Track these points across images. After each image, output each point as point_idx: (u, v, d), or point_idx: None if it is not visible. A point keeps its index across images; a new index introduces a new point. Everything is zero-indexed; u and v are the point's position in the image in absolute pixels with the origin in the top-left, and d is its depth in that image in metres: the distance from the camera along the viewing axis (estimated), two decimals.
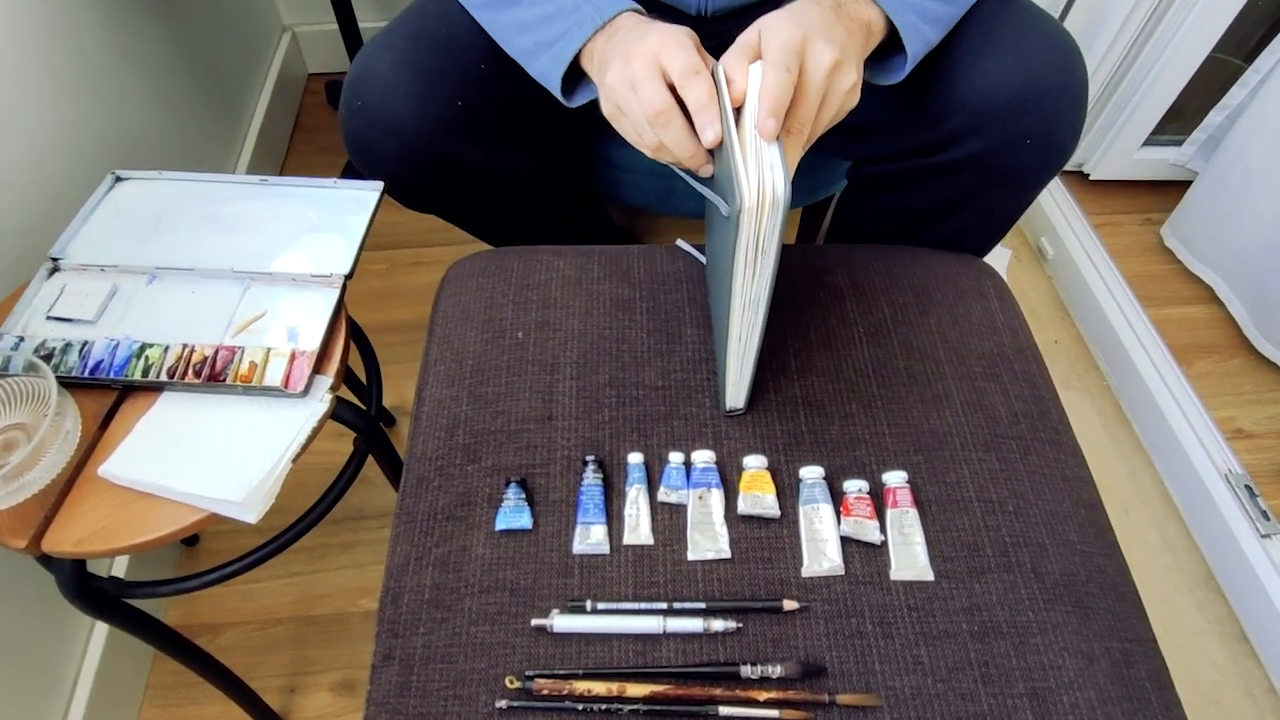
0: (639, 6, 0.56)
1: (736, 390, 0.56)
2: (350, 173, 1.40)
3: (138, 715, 0.88)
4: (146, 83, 1.02)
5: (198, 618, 0.94)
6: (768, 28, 0.49)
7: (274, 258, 0.63)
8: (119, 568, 0.88)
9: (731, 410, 0.58)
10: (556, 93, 0.58)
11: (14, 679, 0.72)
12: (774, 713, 0.46)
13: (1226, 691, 0.91)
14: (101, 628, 0.84)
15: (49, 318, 0.59)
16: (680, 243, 0.70)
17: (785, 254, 0.68)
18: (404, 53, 0.64)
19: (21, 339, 0.58)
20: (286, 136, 1.49)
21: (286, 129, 1.49)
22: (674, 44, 0.50)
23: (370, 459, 0.69)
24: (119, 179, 0.69)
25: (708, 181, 0.53)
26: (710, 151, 0.50)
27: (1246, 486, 1.00)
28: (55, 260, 0.63)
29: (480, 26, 0.63)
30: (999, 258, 1.33)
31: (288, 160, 1.46)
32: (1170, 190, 1.35)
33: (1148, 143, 1.35)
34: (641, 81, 0.49)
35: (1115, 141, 1.35)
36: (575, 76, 0.57)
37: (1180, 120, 1.32)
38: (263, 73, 1.43)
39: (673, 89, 0.49)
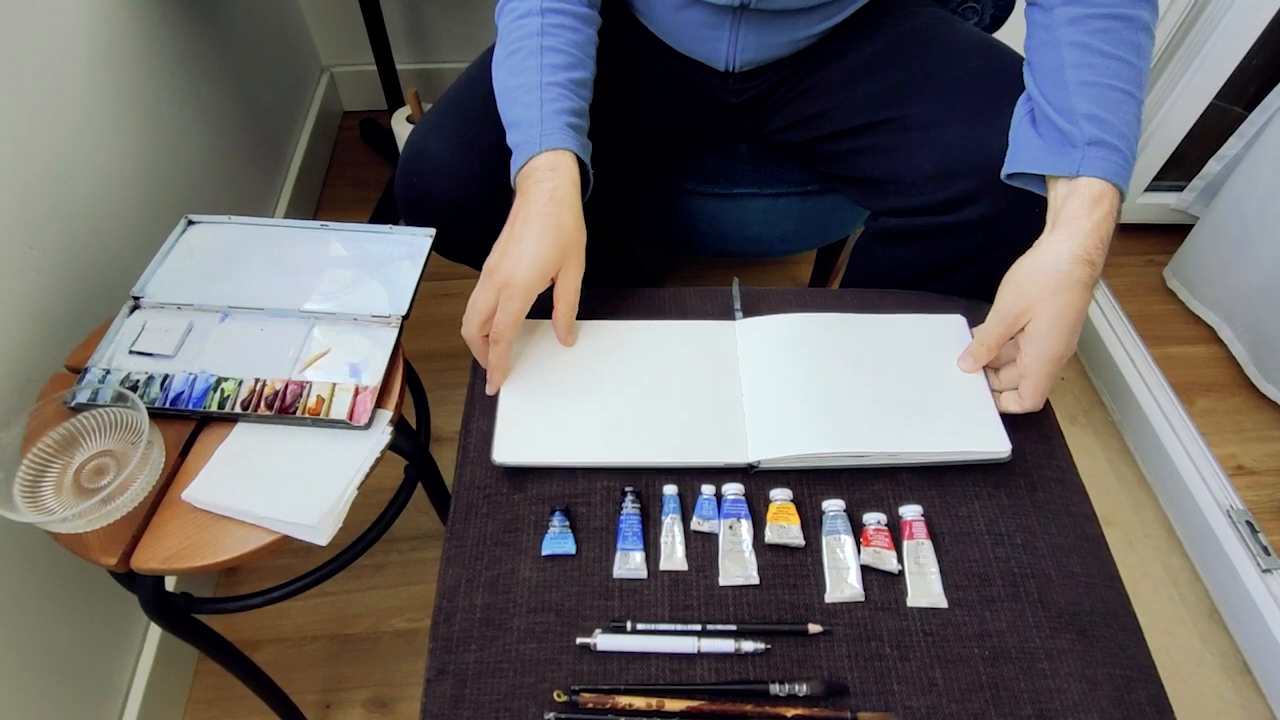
0: (576, 148, 0.63)
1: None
2: (383, 208, 1.46)
3: None
4: (203, 127, 1.09)
5: (237, 634, 0.98)
6: (1039, 334, 0.58)
7: (335, 299, 0.69)
8: (168, 586, 0.92)
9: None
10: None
11: (72, 692, 0.76)
12: None
13: None
14: (150, 646, 0.88)
15: (132, 352, 0.64)
16: (735, 286, 0.74)
17: (805, 298, 0.73)
18: (453, 133, 0.71)
19: (108, 371, 0.63)
20: (323, 172, 1.56)
21: (323, 165, 1.56)
22: (505, 295, 0.60)
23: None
24: (191, 223, 0.74)
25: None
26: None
27: (1248, 522, 1.03)
28: (136, 299, 0.68)
29: None
30: None
31: (324, 195, 1.53)
32: (1172, 234, 1.40)
33: (1150, 188, 1.40)
34: (474, 306, 0.61)
35: None
36: None
37: (1182, 167, 1.38)
38: (303, 112, 1.50)
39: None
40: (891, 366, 0.65)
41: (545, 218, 0.60)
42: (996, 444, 0.60)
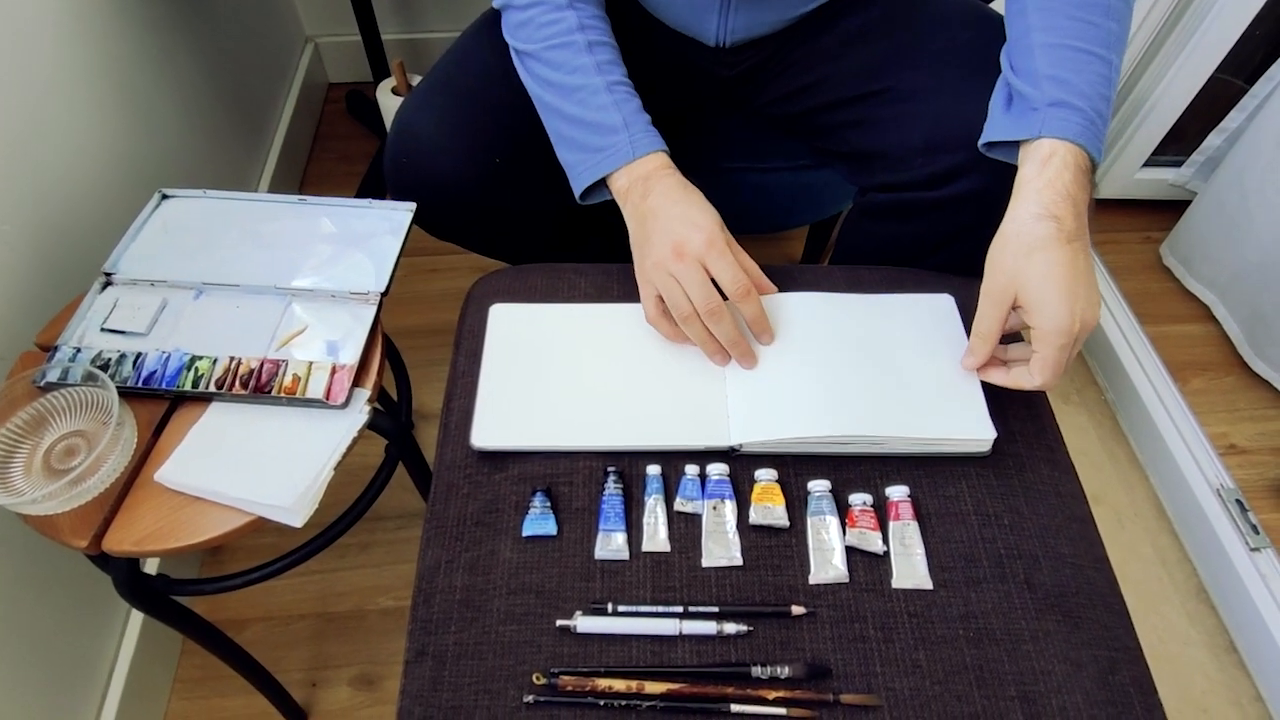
0: (667, 148, 0.64)
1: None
2: (370, 182, 1.44)
3: (166, 707, 0.92)
4: (180, 98, 1.06)
5: (223, 613, 0.98)
6: (1034, 305, 0.54)
7: (313, 275, 0.67)
8: (150, 567, 0.92)
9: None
10: (575, 194, 0.66)
11: (55, 673, 0.76)
12: (782, 710, 0.49)
13: (1215, 700, 0.95)
14: (134, 626, 0.88)
15: (104, 330, 0.63)
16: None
17: (794, 275, 0.72)
18: (444, 111, 0.69)
19: (79, 350, 0.62)
20: (308, 146, 1.53)
21: (308, 138, 1.54)
22: (716, 253, 0.59)
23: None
24: (165, 197, 0.72)
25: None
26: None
27: (1238, 501, 1.03)
28: (108, 275, 0.66)
29: (518, 82, 0.68)
30: None
31: (309, 169, 1.50)
32: (1169, 210, 1.38)
33: (1148, 163, 1.38)
34: (693, 284, 0.59)
35: (1117, 161, 1.38)
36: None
37: (1181, 142, 1.36)
38: (286, 84, 1.47)
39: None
40: (877, 348, 0.63)
41: (690, 194, 0.62)
42: (981, 430, 0.59)
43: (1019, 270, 0.55)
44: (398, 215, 0.72)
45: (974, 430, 0.59)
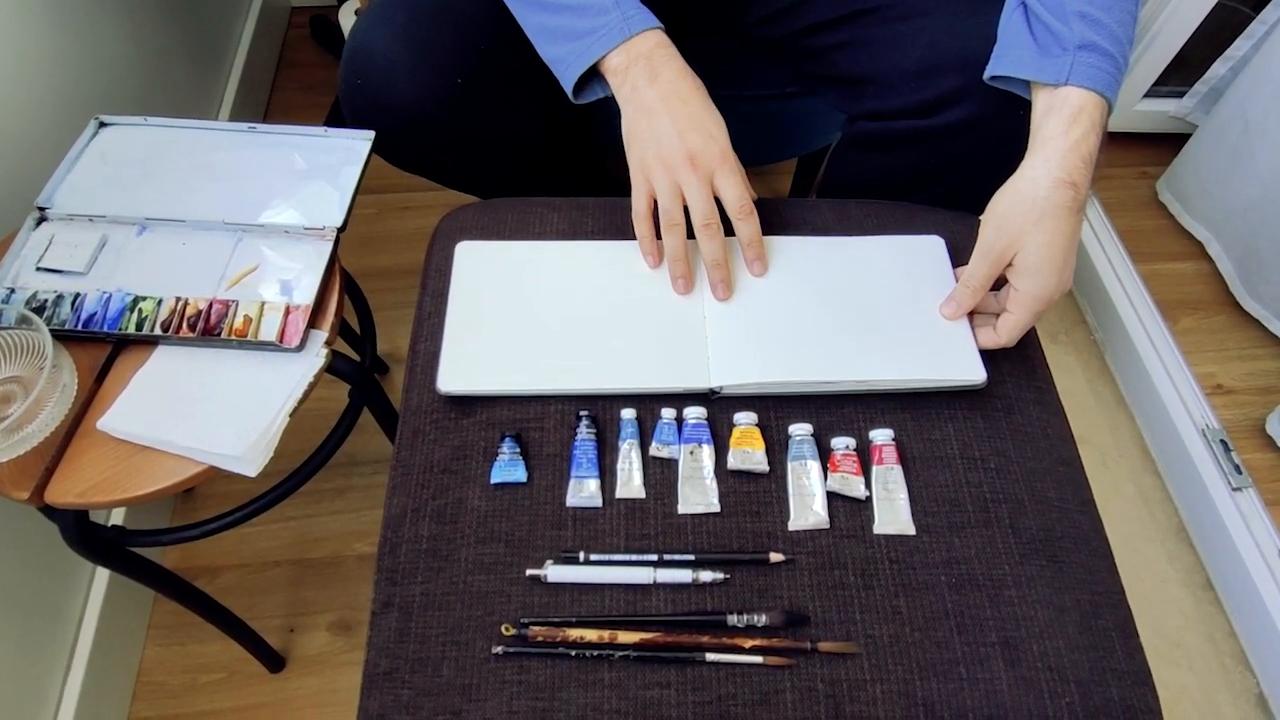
0: (663, 26, 0.59)
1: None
2: (337, 113, 1.37)
3: (141, 654, 0.91)
4: (124, 19, 0.99)
5: (196, 560, 0.96)
6: (1027, 270, 0.53)
7: (265, 209, 0.63)
8: (117, 515, 0.89)
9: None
10: (567, 89, 0.60)
11: (20, 623, 0.74)
12: (758, 659, 0.48)
13: (1190, 635, 0.96)
14: (103, 571, 0.86)
15: (39, 269, 0.59)
16: None
17: (779, 209, 0.68)
18: (401, 29, 0.63)
19: (12, 291, 0.58)
20: (271, 74, 1.45)
21: (270, 66, 1.45)
22: (729, 169, 0.56)
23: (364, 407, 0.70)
24: (103, 124, 0.67)
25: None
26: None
27: (1222, 441, 1.02)
28: (42, 210, 0.62)
29: None
30: None
31: (273, 99, 1.43)
32: (1169, 144, 1.34)
33: (1149, 94, 1.33)
34: (697, 196, 0.56)
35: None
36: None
37: (1184, 71, 1.30)
38: (244, 7, 1.38)
39: None
40: (863, 290, 0.61)
41: (699, 92, 0.58)
42: (971, 373, 0.57)
43: (1025, 234, 0.53)
44: (356, 144, 0.67)
45: (963, 372, 0.57)
